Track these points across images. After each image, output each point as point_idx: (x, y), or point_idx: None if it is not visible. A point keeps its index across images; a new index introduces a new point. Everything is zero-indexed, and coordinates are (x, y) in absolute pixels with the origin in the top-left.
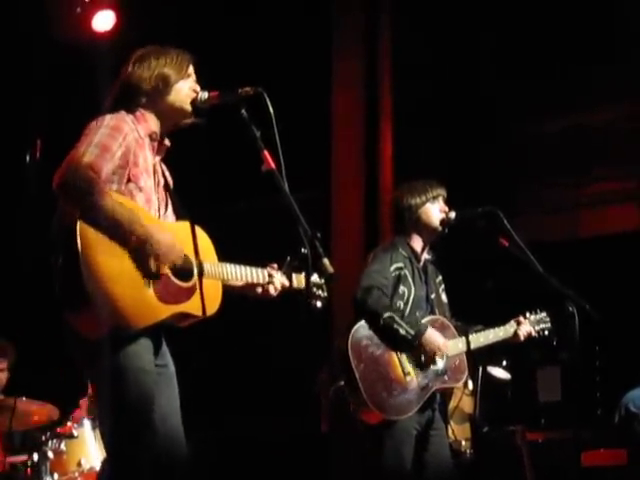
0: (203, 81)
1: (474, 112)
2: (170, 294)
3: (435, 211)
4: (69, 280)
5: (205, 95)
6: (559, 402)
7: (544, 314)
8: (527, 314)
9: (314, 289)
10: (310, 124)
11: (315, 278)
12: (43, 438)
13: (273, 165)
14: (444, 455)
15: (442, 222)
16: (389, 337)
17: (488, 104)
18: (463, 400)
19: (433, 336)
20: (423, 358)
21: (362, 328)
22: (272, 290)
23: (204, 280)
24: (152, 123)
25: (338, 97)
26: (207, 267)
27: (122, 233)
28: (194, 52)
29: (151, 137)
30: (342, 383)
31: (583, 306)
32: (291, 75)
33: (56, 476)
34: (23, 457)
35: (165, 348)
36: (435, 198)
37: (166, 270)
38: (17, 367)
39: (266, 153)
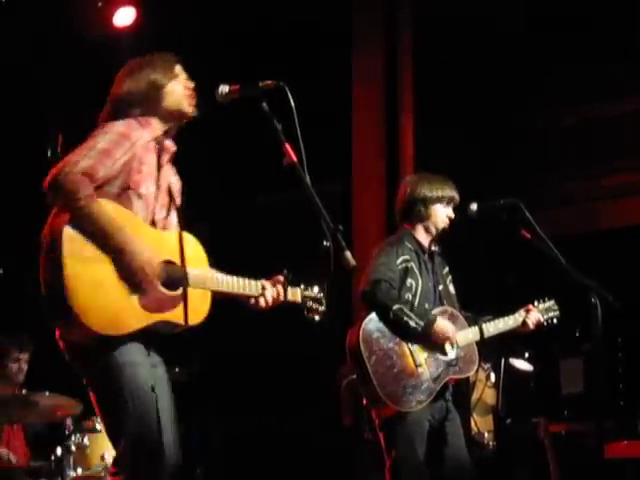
0: (224, 75)
1: (494, 106)
2: (155, 302)
3: (443, 215)
4: (52, 285)
5: (226, 89)
6: (582, 394)
7: (552, 302)
8: (535, 302)
9: (311, 303)
10: (331, 117)
11: (314, 292)
12: (66, 432)
13: (295, 159)
14: (460, 445)
15: (444, 229)
16: (399, 329)
17: (507, 97)
18: (486, 392)
19: (443, 325)
20: (434, 348)
21: (372, 321)
22: (262, 302)
23: (192, 290)
24: (156, 126)
25: (359, 90)
26: (194, 277)
27: (103, 241)
28: (214, 47)
29: (157, 141)
30: (354, 377)
31: (605, 297)
32: (312, 69)
33: (79, 470)
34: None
35: (154, 353)
36: (449, 202)
37: (148, 282)
38: (40, 361)
39: (287, 147)
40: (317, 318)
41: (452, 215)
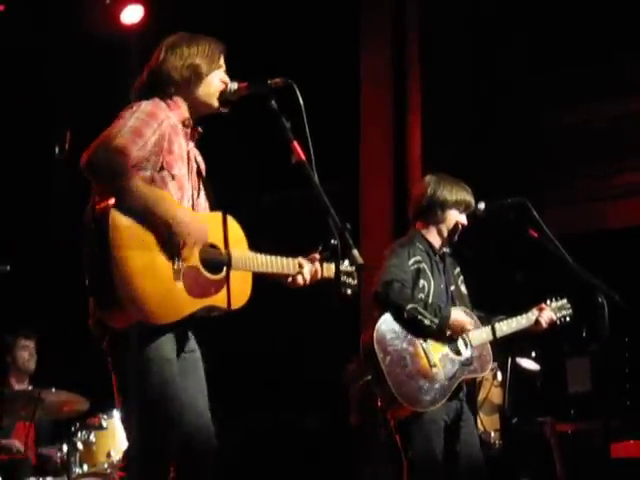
0: (232, 73)
1: (503, 104)
2: (199, 287)
3: (456, 220)
4: (99, 273)
5: (235, 86)
6: (589, 393)
7: (565, 300)
8: (548, 301)
9: (344, 277)
10: (339, 116)
11: (346, 266)
12: (72, 429)
13: (303, 157)
14: (474, 445)
15: (456, 232)
16: (414, 328)
17: (517, 95)
18: (492, 391)
19: (459, 317)
20: (449, 345)
21: (386, 322)
22: (300, 280)
23: (234, 272)
24: (184, 110)
25: (367, 89)
26: (236, 259)
27: (149, 214)
28: (223, 44)
29: (184, 124)
30: (369, 378)
31: (612, 297)
32: (320, 67)
33: (86, 467)
34: (53, 449)
35: (191, 335)
36: (466, 208)
37: (194, 253)
38: (48, 358)
39: (296, 144)
40: (350, 292)
41: (465, 223)
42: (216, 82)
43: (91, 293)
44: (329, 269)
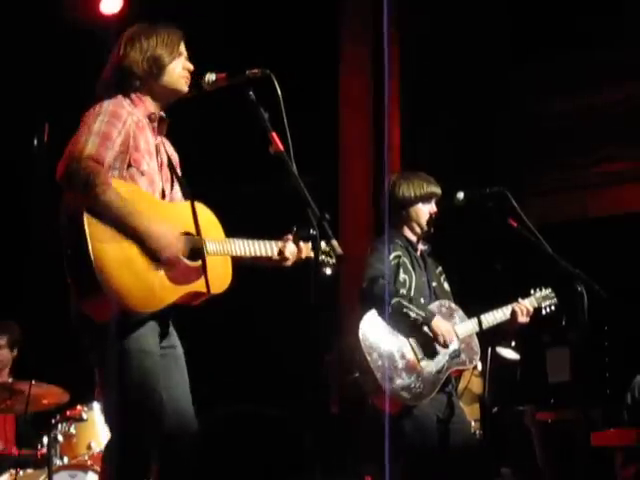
0: (210, 64)
1: (483, 94)
2: (180, 274)
3: (425, 212)
4: (79, 269)
5: (213, 77)
6: (568, 382)
7: (549, 290)
8: (532, 291)
9: (322, 256)
10: (317, 107)
11: (323, 245)
12: (53, 421)
13: (282, 147)
14: (468, 437)
15: (428, 223)
16: (400, 322)
17: (498, 85)
18: (472, 381)
19: (441, 324)
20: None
21: (371, 318)
22: (285, 261)
23: (213, 258)
24: (149, 104)
25: (346, 80)
26: (212, 245)
27: (123, 227)
28: (200, 35)
29: (150, 118)
30: (357, 375)
31: (592, 286)
32: (299, 58)
33: (66, 459)
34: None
35: (172, 329)
36: (429, 198)
37: (174, 260)
38: (27, 350)
39: (274, 135)
40: (329, 272)
41: (434, 210)
42: (178, 69)
43: (73, 287)
44: (307, 248)
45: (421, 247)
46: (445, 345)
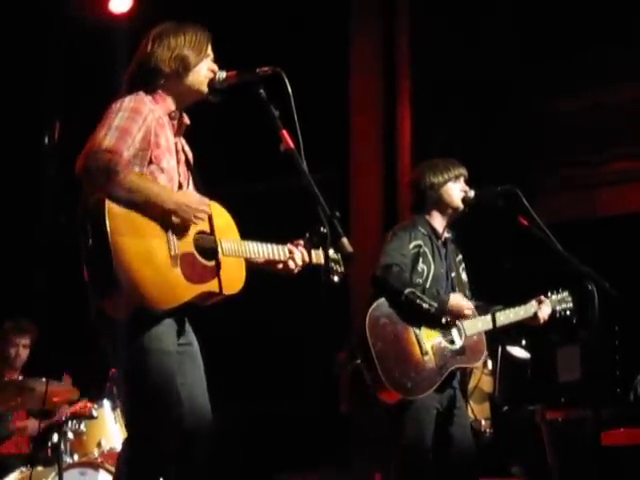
0: (221, 62)
1: (492, 93)
2: (196, 273)
3: (457, 190)
4: (98, 263)
5: (223, 75)
6: (579, 381)
7: (566, 293)
8: (548, 293)
9: (331, 264)
10: (329, 104)
11: (332, 253)
12: (63, 419)
13: (292, 145)
14: (467, 435)
15: (464, 201)
16: (412, 312)
17: (506, 84)
18: (482, 379)
19: (457, 300)
20: (444, 332)
21: (380, 306)
22: (292, 266)
23: (228, 259)
24: (170, 103)
25: (357, 78)
26: (227, 245)
27: (150, 206)
28: (211, 34)
29: (170, 116)
30: (359, 362)
31: (602, 285)
32: (309, 55)
33: (76, 457)
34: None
35: (189, 327)
36: (457, 177)
37: (189, 240)
38: (38, 348)
39: (285, 133)
40: (336, 279)
41: (466, 187)
42: (204, 70)
43: (91, 283)
44: (317, 255)
45: (445, 235)
46: (465, 316)
